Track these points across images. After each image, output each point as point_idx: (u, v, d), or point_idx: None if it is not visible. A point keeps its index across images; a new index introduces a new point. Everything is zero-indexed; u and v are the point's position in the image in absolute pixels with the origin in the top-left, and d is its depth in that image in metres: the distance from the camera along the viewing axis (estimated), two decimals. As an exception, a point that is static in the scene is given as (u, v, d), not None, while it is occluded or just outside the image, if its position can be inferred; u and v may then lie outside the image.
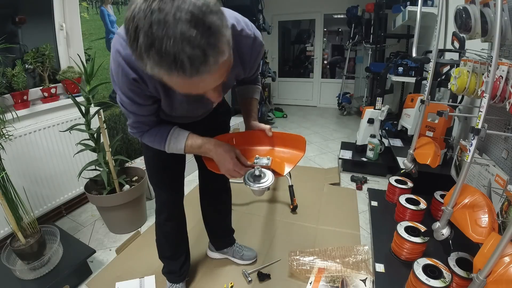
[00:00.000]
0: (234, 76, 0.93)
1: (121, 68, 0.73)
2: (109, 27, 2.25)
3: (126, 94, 0.78)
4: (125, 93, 0.78)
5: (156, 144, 0.90)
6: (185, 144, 0.89)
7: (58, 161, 1.88)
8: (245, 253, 1.54)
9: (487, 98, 1.01)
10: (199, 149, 0.90)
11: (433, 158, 1.65)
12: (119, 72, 0.74)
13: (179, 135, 0.89)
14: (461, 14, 1.27)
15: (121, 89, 0.78)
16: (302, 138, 1.01)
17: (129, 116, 0.84)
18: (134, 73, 0.72)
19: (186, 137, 0.89)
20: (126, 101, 0.79)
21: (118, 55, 0.72)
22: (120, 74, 0.74)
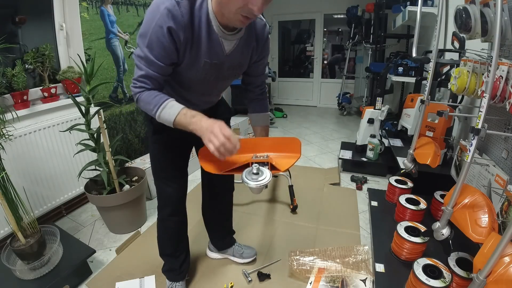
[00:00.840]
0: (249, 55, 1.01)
1: (159, 19, 0.78)
2: (109, 27, 2.25)
3: (150, 46, 0.82)
4: (150, 44, 0.82)
5: (150, 105, 0.87)
6: (179, 112, 0.86)
7: (58, 161, 1.88)
8: (245, 251, 1.54)
9: (487, 98, 1.01)
10: (191, 118, 0.85)
11: (433, 158, 1.65)
12: (155, 21, 0.79)
13: (176, 104, 0.88)
14: (461, 14, 1.28)
15: (149, 39, 0.81)
16: (297, 140, 1.02)
17: (141, 69, 0.86)
18: (173, 22, 0.79)
19: (182, 107, 0.87)
20: (146, 53, 0.83)
21: (161, 5, 0.78)
22: (154, 23, 0.79)
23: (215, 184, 1.36)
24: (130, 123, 2.53)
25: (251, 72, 1.12)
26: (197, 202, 1.46)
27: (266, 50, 1.06)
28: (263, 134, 1.24)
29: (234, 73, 1.04)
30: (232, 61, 0.97)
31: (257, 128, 1.23)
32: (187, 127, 0.86)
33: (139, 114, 2.62)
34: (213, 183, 1.35)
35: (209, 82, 1.01)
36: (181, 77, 0.96)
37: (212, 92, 1.12)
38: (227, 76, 1.04)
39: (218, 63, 0.93)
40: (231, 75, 1.05)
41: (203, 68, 0.92)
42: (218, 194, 1.40)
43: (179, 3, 0.79)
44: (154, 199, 2.24)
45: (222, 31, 0.87)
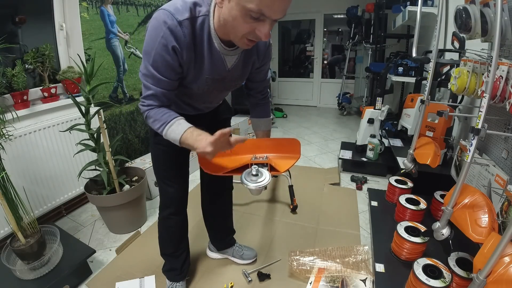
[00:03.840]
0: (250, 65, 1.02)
1: (163, 37, 0.79)
2: (109, 27, 2.25)
3: (155, 64, 0.83)
4: (155, 62, 0.82)
5: (159, 122, 0.88)
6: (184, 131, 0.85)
7: (58, 161, 1.88)
8: (245, 252, 1.54)
9: (487, 98, 1.01)
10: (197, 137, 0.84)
11: (433, 158, 1.65)
12: (160, 41, 0.79)
13: (183, 123, 0.88)
14: (461, 14, 1.27)
15: (154, 58, 0.82)
16: (297, 141, 1.03)
17: (148, 88, 0.86)
18: (176, 42, 0.80)
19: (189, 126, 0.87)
20: (152, 71, 0.84)
21: (164, 25, 0.78)
22: (159, 43, 0.80)
23: (214, 184, 1.36)
24: (130, 123, 2.53)
25: (253, 78, 1.13)
26: (197, 202, 1.46)
27: (267, 57, 1.06)
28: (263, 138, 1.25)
29: (236, 84, 1.06)
30: (234, 75, 0.99)
31: (259, 133, 1.25)
32: (193, 146, 0.84)
33: (139, 114, 2.62)
34: (212, 183, 1.36)
35: (211, 93, 1.04)
36: (184, 88, 0.97)
37: (214, 100, 1.15)
38: (229, 87, 1.07)
39: (220, 78, 0.95)
40: (233, 86, 1.07)
41: (206, 83, 0.95)
42: (217, 194, 1.41)
43: (181, 23, 0.79)
44: (154, 199, 2.24)
45: (224, 48, 0.88)
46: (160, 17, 0.79)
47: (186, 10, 0.79)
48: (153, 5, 2.69)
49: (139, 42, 2.57)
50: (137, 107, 2.58)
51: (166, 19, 0.78)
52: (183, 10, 0.79)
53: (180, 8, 0.79)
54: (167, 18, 0.78)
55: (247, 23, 0.72)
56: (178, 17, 0.78)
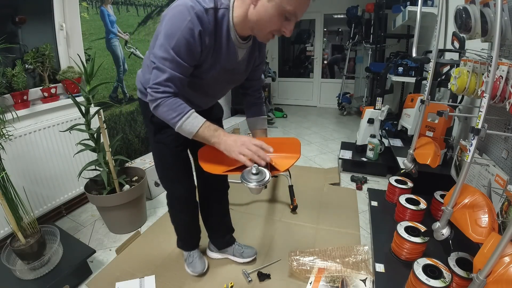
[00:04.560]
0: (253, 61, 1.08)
1: (190, 21, 0.82)
2: (109, 27, 2.25)
3: (177, 48, 0.84)
4: (177, 45, 0.84)
5: (174, 112, 0.88)
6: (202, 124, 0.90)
7: (58, 161, 1.88)
8: (245, 250, 1.54)
9: (487, 98, 1.01)
10: (214, 132, 0.91)
11: (433, 158, 1.65)
12: (186, 25, 0.82)
13: (198, 116, 0.92)
14: (461, 14, 1.28)
15: (177, 41, 0.83)
16: (297, 140, 1.03)
17: (164, 71, 0.86)
18: (201, 27, 0.84)
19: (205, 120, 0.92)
20: (173, 54, 0.85)
21: (192, 10, 0.82)
22: (185, 26, 0.82)
23: (209, 183, 1.38)
24: (130, 123, 2.53)
25: (252, 77, 1.18)
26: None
27: (264, 55, 1.15)
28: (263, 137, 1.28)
29: (240, 78, 1.13)
30: (241, 67, 1.06)
31: (256, 132, 1.27)
32: (209, 139, 0.91)
33: (139, 114, 2.62)
34: (207, 183, 1.37)
35: (219, 85, 1.10)
36: (195, 79, 0.99)
37: (217, 95, 1.18)
38: (234, 81, 1.13)
39: (231, 69, 1.02)
40: (238, 80, 1.13)
41: (218, 73, 0.99)
42: (213, 193, 1.42)
43: (207, 10, 0.84)
44: (154, 199, 2.24)
45: (238, 41, 0.95)
46: (187, 3, 0.82)
47: (207, 2, 0.85)
48: (153, 5, 2.69)
49: (139, 42, 2.56)
50: (137, 107, 2.58)
51: (193, 4, 0.82)
52: (203, 1, 0.84)
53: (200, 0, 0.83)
54: (194, 4, 0.82)
55: (279, 21, 0.83)
56: (204, 5, 0.83)
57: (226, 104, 3.95)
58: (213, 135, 0.91)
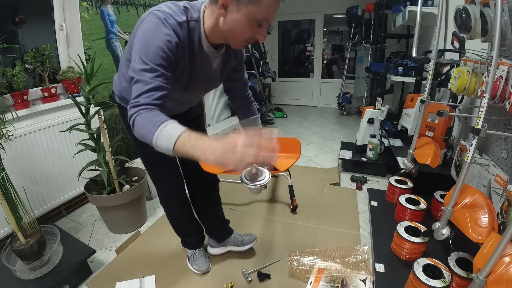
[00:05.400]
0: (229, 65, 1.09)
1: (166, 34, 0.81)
2: (109, 27, 2.25)
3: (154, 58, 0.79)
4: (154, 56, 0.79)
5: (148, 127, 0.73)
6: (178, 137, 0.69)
7: (58, 161, 1.88)
8: (245, 238, 1.57)
9: (487, 98, 1.02)
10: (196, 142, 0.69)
11: (433, 158, 1.65)
12: (162, 36, 0.80)
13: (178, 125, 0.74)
14: (461, 14, 1.28)
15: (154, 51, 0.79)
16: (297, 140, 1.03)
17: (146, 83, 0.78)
18: (178, 39, 0.83)
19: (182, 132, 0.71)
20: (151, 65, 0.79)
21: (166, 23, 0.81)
22: (161, 37, 0.80)
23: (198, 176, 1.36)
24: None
25: (232, 78, 1.17)
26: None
27: (241, 56, 1.13)
28: None
29: (216, 84, 1.13)
30: (217, 75, 1.06)
31: None
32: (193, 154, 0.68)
33: (139, 114, 2.61)
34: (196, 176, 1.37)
35: (195, 93, 1.13)
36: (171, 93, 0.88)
37: (195, 100, 1.23)
38: (210, 87, 1.13)
39: (207, 78, 1.03)
40: (214, 86, 1.13)
41: (195, 83, 1.01)
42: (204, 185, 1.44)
43: (180, 24, 0.83)
44: (154, 199, 2.24)
45: (212, 51, 0.95)
46: (159, 16, 0.81)
47: (182, 13, 0.84)
48: (153, 5, 2.69)
49: (139, 42, 2.56)
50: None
51: (166, 18, 0.81)
52: (179, 13, 0.84)
53: (176, 11, 0.83)
54: (167, 18, 0.81)
55: (252, 30, 0.82)
56: (177, 18, 0.82)
57: (225, 104, 3.95)
58: (196, 147, 0.67)
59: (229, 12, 0.80)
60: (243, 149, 0.64)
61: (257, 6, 0.77)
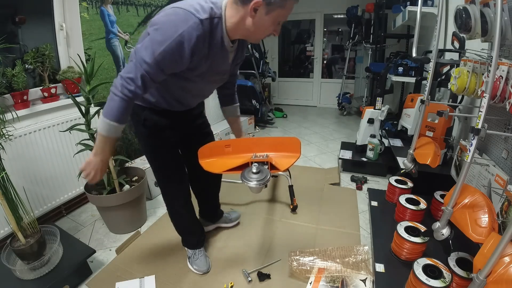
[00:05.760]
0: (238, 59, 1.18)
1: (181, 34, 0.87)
2: (109, 27, 2.25)
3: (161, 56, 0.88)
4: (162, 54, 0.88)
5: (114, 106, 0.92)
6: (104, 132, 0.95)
7: (58, 161, 1.88)
8: (232, 216, 1.82)
9: (487, 98, 1.02)
10: (98, 143, 0.99)
11: (433, 158, 1.65)
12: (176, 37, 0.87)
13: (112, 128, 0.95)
14: (461, 14, 1.27)
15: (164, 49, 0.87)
16: (297, 140, 1.03)
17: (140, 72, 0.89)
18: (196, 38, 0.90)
19: (105, 132, 0.95)
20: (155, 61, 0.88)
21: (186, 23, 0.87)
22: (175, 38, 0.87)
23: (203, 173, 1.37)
24: (130, 123, 2.52)
25: (232, 72, 1.27)
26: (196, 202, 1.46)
27: (244, 53, 1.22)
28: (238, 123, 1.45)
29: (227, 77, 1.23)
30: (229, 68, 1.15)
31: (232, 119, 1.44)
32: (95, 147, 1.00)
33: (139, 114, 2.62)
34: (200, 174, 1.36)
35: (209, 85, 1.20)
36: (189, 83, 1.07)
37: (207, 93, 1.27)
38: (222, 80, 1.22)
39: (222, 71, 1.13)
40: (225, 79, 1.23)
41: (213, 76, 1.10)
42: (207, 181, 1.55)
43: (202, 21, 0.89)
44: (154, 199, 2.24)
45: (230, 46, 1.04)
46: (180, 14, 0.87)
47: (205, 11, 0.91)
48: (153, 5, 2.69)
49: (139, 42, 2.56)
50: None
51: (187, 17, 0.87)
52: (202, 11, 0.90)
53: (199, 9, 0.90)
54: (189, 17, 0.87)
55: (273, 28, 0.96)
56: (199, 16, 0.89)
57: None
58: (96, 146, 1.00)
59: (257, 14, 0.91)
60: None
61: (283, 9, 0.91)
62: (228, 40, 1.01)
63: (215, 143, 1.15)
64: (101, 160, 1.01)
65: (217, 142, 1.15)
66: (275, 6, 0.89)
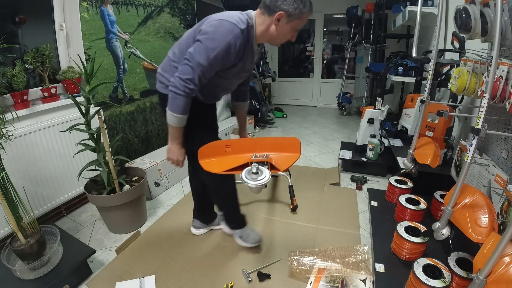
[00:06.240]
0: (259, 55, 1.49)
1: (229, 42, 1.11)
2: (109, 27, 2.25)
3: (213, 60, 1.12)
4: (214, 58, 1.12)
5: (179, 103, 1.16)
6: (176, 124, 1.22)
7: (58, 161, 1.88)
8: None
9: (487, 98, 1.02)
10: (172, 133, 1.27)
11: (433, 158, 1.65)
12: (226, 43, 1.10)
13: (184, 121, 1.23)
14: (461, 14, 1.28)
15: (216, 54, 1.11)
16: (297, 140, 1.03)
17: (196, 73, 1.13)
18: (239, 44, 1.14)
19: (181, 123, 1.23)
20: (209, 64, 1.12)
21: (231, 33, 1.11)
22: (225, 44, 1.10)
23: None
24: (130, 123, 2.53)
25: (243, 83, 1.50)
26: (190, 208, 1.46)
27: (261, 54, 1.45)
28: (245, 118, 1.68)
29: (249, 74, 1.47)
30: (252, 67, 1.38)
31: (241, 114, 1.65)
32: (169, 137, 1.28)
33: (139, 114, 2.62)
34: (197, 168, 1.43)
35: (236, 81, 1.40)
36: (223, 80, 1.29)
37: (232, 88, 1.46)
38: (246, 76, 1.45)
39: (249, 69, 1.37)
40: (248, 76, 1.47)
41: (240, 72, 1.31)
42: None
43: (242, 31, 1.14)
44: (154, 199, 2.25)
45: (257, 48, 1.29)
46: (226, 26, 1.11)
47: (243, 22, 1.14)
48: (153, 5, 2.69)
49: (139, 42, 2.57)
50: (137, 107, 2.58)
51: (232, 28, 1.11)
52: (241, 22, 1.14)
53: (239, 21, 1.13)
54: (233, 28, 1.11)
55: (291, 34, 1.20)
56: (240, 26, 1.12)
57: (225, 104, 3.96)
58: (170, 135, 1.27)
59: (280, 23, 1.15)
60: None
61: (300, 20, 1.15)
62: (256, 44, 1.25)
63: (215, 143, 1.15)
64: (178, 144, 1.29)
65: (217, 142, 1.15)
66: (294, 18, 1.13)
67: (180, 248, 1.65)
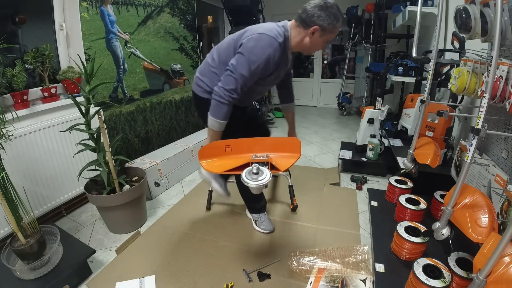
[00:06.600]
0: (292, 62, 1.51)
1: (268, 55, 1.22)
2: (109, 27, 2.25)
3: (254, 71, 1.23)
4: (255, 70, 1.23)
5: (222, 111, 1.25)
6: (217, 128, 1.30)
7: (58, 161, 1.88)
8: None
9: (487, 98, 1.02)
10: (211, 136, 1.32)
11: (433, 158, 1.65)
12: (266, 56, 1.22)
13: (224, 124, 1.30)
14: (461, 14, 1.28)
15: (257, 66, 1.22)
16: (297, 140, 1.03)
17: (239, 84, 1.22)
18: (276, 56, 1.26)
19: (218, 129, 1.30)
20: (250, 75, 1.23)
21: (271, 46, 1.23)
22: (265, 58, 1.22)
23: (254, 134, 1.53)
24: (130, 123, 2.53)
25: (288, 73, 1.62)
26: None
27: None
28: (293, 117, 1.87)
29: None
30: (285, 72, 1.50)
31: (289, 114, 1.86)
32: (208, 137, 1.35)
33: (139, 114, 2.62)
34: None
35: (270, 86, 1.53)
36: (258, 86, 1.37)
37: (264, 92, 1.61)
38: (289, 80, 1.69)
39: (281, 75, 1.47)
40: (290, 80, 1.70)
41: (276, 79, 1.45)
42: None
43: (280, 43, 1.25)
44: (154, 199, 2.24)
45: (291, 57, 1.41)
46: (266, 40, 1.22)
47: (281, 36, 1.26)
48: (153, 5, 2.69)
49: (139, 42, 2.57)
50: (137, 107, 2.58)
51: (271, 41, 1.22)
52: (279, 35, 1.25)
53: (277, 34, 1.24)
54: (272, 41, 1.22)
55: (322, 45, 1.31)
56: (278, 40, 1.23)
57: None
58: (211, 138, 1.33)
59: (314, 36, 1.25)
60: None
61: (332, 33, 1.25)
62: (290, 53, 1.37)
63: (215, 143, 1.15)
64: None
65: (217, 142, 1.16)
66: (327, 31, 1.23)
67: (180, 248, 1.65)
